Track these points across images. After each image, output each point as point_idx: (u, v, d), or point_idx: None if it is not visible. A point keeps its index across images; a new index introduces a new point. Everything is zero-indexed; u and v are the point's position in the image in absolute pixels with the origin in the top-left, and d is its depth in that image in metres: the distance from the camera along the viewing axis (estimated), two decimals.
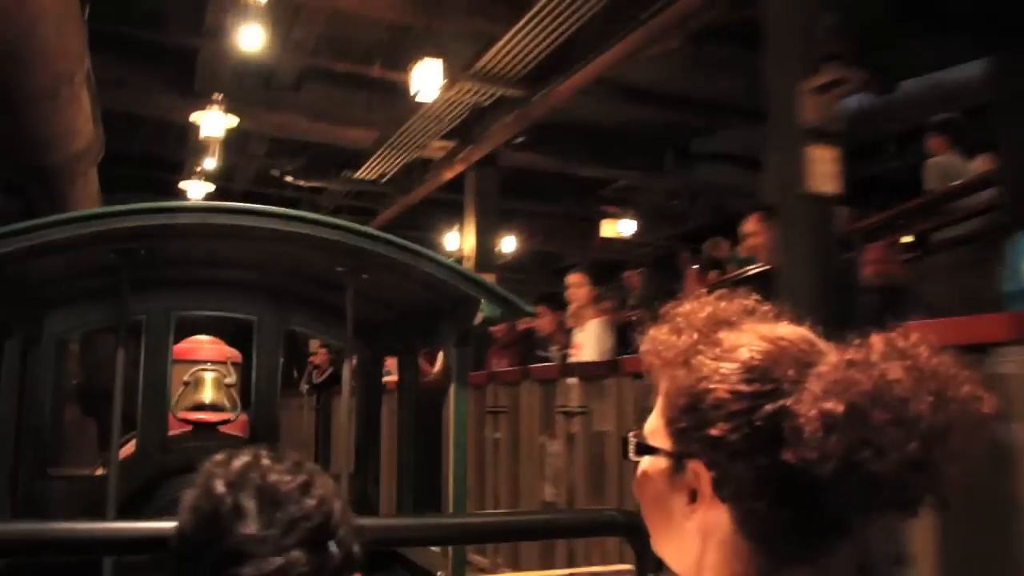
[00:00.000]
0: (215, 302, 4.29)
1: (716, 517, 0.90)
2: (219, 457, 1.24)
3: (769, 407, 0.86)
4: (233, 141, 10.51)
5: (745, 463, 0.86)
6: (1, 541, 1.72)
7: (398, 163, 10.17)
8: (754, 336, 0.92)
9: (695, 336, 0.95)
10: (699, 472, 0.91)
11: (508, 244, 13.93)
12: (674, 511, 0.95)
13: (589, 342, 5.99)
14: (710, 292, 1.03)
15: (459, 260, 8.82)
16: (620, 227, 13.56)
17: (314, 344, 11.14)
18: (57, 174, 7.96)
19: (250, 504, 1.13)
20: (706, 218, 11.98)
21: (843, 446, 0.79)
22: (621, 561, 3.36)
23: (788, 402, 0.85)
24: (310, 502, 1.16)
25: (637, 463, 1.02)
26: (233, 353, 5.18)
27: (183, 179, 11.76)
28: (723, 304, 1.00)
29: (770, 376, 0.87)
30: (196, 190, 11.66)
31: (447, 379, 3.47)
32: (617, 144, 10.64)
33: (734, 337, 0.93)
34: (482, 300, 3.15)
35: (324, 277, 3.66)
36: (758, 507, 0.86)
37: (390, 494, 4.50)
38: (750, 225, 5.65)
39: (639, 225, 13.45)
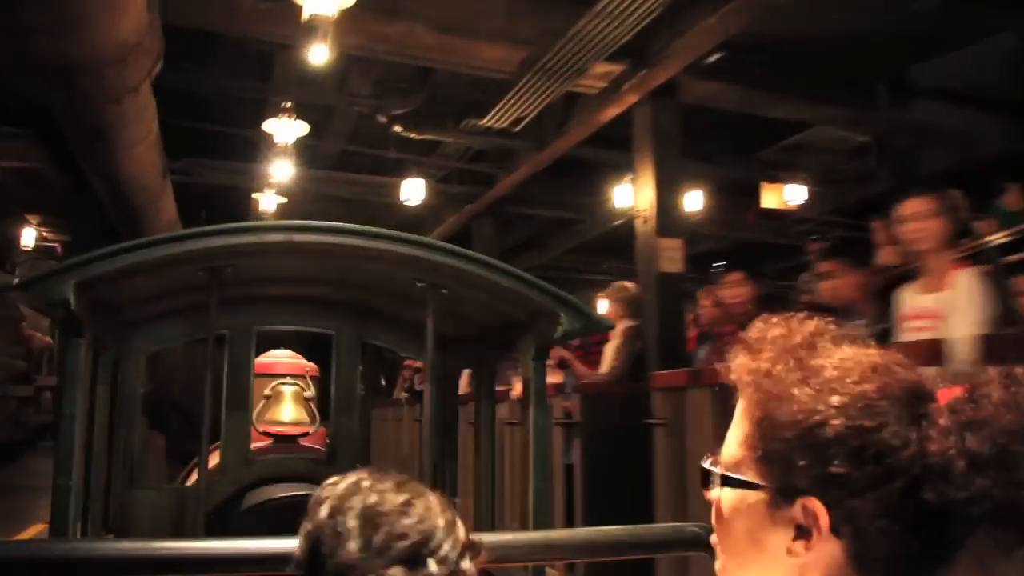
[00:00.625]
0: (295, 317, 4.39)
1: (828, 551, 0.88)
2: (328, 481, 1.29)
3: (896, 443, 0.84)
4: (331, 75, 8.31)
5: (870, 500, 0.84)
6: (111, 559, 1.77)
7: (544, 98, 7.41)
8: (857, 364, 0.89)
9: (790, 363, 0.93)
10: (813, 508, 0.88)
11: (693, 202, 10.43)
12: (771, 547, 0.93)
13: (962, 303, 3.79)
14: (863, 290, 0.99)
15: (637, 220, 7.36)
16: (787, 194, 10.64)
17: None
18: (96, 81, 5.73)
19: (352, 526, 1.18)
20: (894, 180, 9.46)
21: (993, 486, 0.78)
22: None
23: (921, 437, 0.84)
24: (408, 521, 1.19)
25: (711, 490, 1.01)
26: (311, 367, 5.27)
27: (268, 118, 9.26)
28: (802, 326, 0.98)
29: (887, 409, 0.86)
30: (284, 131, 9.18)
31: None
32: (820, 74, 7.82)
33: (834, 365, 0.90)
34: (561, 314, 3.17)
35: (403, 292, 3.71)
36: (880, 541, 0.85)
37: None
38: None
39: (810, 193, 10.62)
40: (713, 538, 1.03)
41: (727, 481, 0.97)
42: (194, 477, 4.53)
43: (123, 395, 4.08)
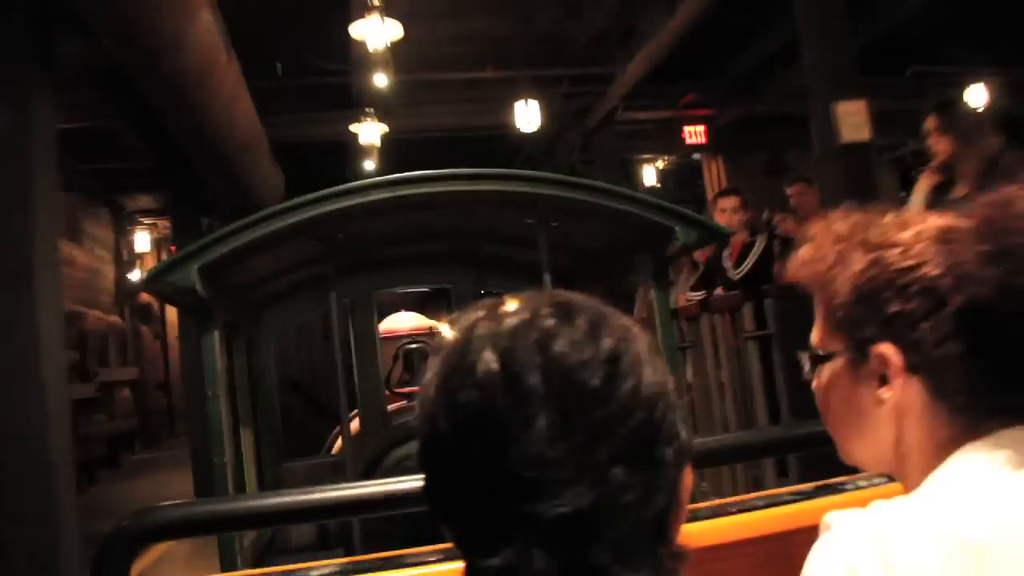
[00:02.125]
0: (412, 275, 4.43)
1: (911, 391, 0.94)
2: (471, 316, 0.82)
3: (937, 272, 0.91)
4: None
5: (927, 326, 0.91)
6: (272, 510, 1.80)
7: None
8: (901, 228, 0.98)
9: (844, 244, 1.01)
10: (885, 352, 0.94)
11: None
12: (864, 404, 0.98)
13: None
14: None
15: None
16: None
17: None
18: None
19: (535, 396, 0.73)
20: None
21: (1000, 273, 0.86)
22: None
23: (955, 263, 0.91)
24: (625, 386, 0.75)
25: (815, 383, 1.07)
26: (432, 323, 5.33)
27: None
28: (859, 218, 1.04)
29: (923, 250, 0.93)
30: (375, 34, 7.60)
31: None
32: None
33: (879, 234, 0.98)
34: (676, 228, 3.09)
35: (514, 233, 3.69)
36: (950, 366, 0.91)
37: None
38: None
39: None
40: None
41: (815, 360, 1.04)
42: (338, 445, 4.65)
43: (260, 375, 4.20)
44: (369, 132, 10.10)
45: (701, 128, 11.29)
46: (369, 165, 11.12)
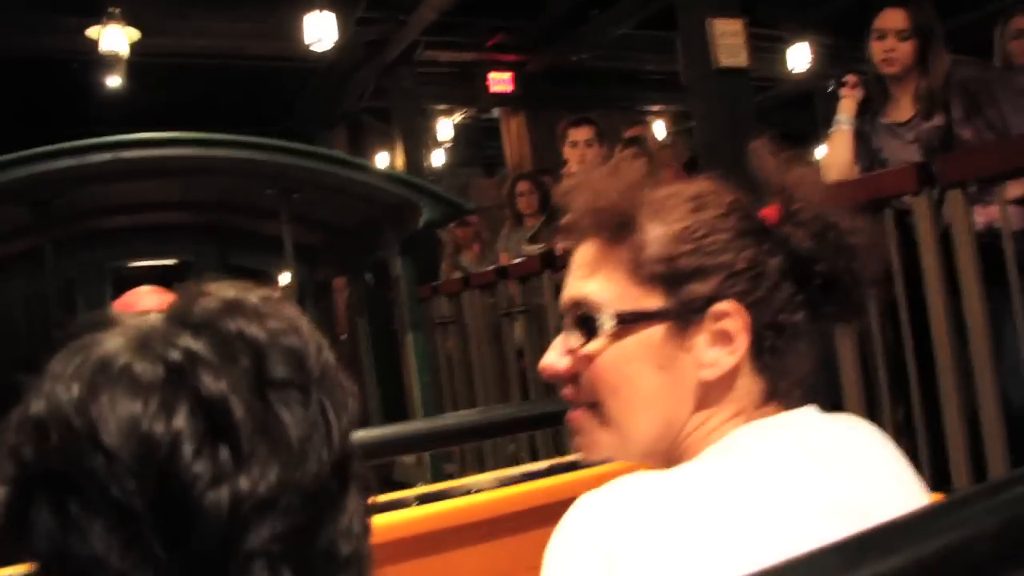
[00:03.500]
0: (150, 248, 4.10)
1: (736, 365, 0.85)
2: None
3: (752, 218, 0.87)
4: None
5: (763, 275, 0.86)
6: None
7: None
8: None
9: (636, 190, 0.91)
10: (727, 310, 0.85)
11: None
12: (681, 372, 0.87)
13: None
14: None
15: None
16: None
17: None
18: None
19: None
20: None
21: (818, 223, 0.86)
22: None
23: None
24: None
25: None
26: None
27: None
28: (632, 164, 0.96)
29: (735, 199, 0.89)
30: None
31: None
32: None
33: (673, 188, 0.91)
34: (421, 203, 3.04)
35: (257, 204, 3.51)
36: (787, 327, 0.86)
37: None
38: None
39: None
40: (579, 412, 0.93)
41: (624, 320, 0.88)
42: None
43: None
44: (113, 38, 7.15)
45: (508, 76, 9.81)
46: (113, 82, 8.16)
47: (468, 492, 1.62)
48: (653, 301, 0.87)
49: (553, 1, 9.09)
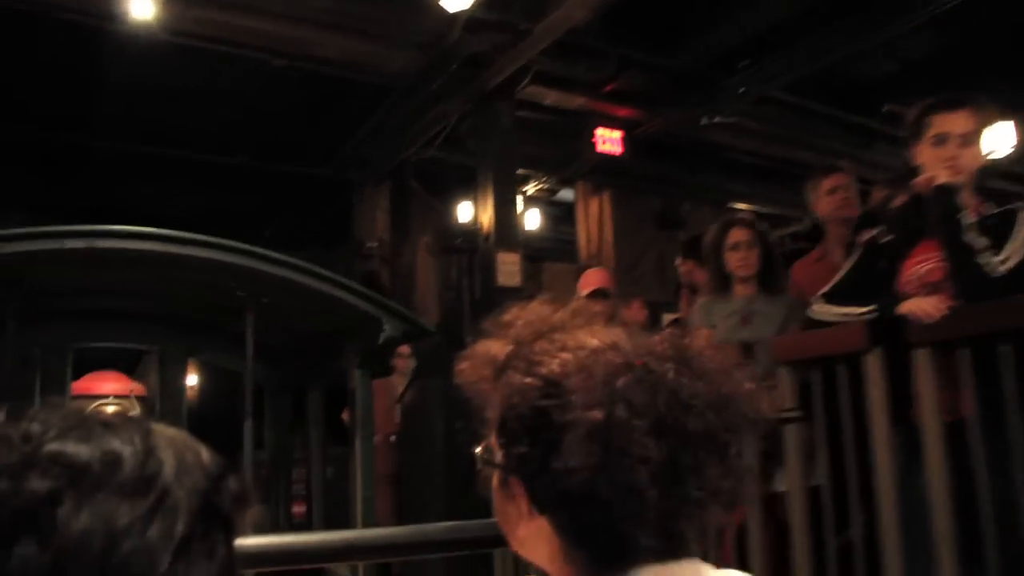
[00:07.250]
0: (114, 333, 4.13)
1: (542, 528, 0.88)
2: None
3: (557, 419, 0.83)
4: None
5: (546, 478, 0.84)
6: None
7: None
8: (566, 346, 0.89)
9: (511, 349, 0.94)
10: (516, 488, 0.89)
11: None
12: (514, 521, 0.92)
13: None
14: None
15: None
16: None
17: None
18: None
19: None
20: None
21: (601, 455, 0.80)
22: None
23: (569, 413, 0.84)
24: None
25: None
26: (136, 386, 5.00)
27: None
28: (550, 310, 0.98)
29: (565, 388, 0.85)
30: None
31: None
32: None
33: (547, 348, 0.90)
34: (383, 320, 3.10)
35: (225, 302, 3.56)
36: (566, 518, 0.86)
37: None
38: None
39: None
40: None
41: (483, 462, 0.96)
42: None
43: None
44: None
45: (617, 135, 7.44)
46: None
47: None
48: (497, 453, 0.92)
49: (699, 38, 6.66)
